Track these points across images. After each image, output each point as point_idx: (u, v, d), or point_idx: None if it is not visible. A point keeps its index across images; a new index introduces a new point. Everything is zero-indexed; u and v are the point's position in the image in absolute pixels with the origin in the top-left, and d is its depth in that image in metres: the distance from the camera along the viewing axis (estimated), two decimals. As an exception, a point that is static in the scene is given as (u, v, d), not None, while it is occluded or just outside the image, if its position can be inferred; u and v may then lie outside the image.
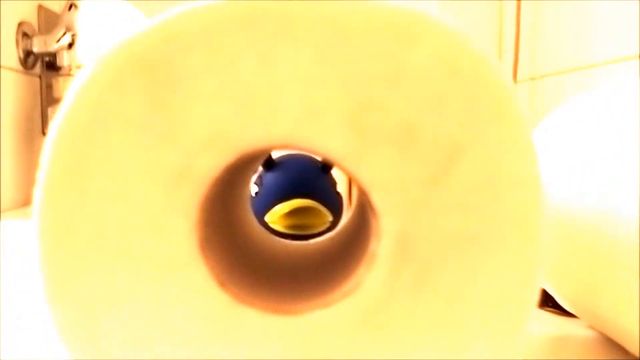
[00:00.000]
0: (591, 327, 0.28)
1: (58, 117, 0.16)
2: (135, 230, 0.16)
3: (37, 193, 0.16)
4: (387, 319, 0.17)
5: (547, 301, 0.30)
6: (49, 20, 0.79)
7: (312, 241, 0.26)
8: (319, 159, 0.33)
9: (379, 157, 0.16)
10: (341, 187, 0.35)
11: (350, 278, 0.17)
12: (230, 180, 0.20)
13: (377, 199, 0.16)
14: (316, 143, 0.16)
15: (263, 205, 0.32)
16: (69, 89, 0.16)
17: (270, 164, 0.32)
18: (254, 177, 0.33)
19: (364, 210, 0.21)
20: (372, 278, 0.16)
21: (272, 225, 0.32)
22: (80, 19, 0.44)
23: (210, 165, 0.16)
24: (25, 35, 0.74)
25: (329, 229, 0.33)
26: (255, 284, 0.19)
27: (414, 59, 0.16)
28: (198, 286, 0.17)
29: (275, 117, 0.16)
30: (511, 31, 0.85)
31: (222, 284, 0.17)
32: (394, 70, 0.16)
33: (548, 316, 0.30)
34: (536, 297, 0.17)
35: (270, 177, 0.33)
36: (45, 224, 0.16)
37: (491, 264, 0.16)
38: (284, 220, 0.32)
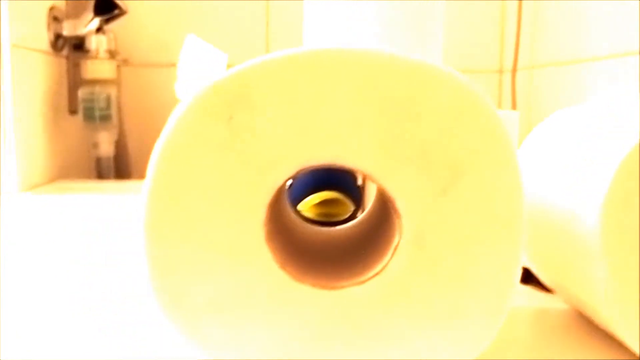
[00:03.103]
0: (565, 302, 0.34)
1: (161, 137, 0.22)
2: (220, 225, 0.22)
3: (145, 195, 0.22)
4: (407, 295, 0.22)
5: (531, 279, 0.36)
6: (76, 5, 0.83)
7: (338, 227, 0.32)
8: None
9: (402, 173, 0.22)
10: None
11: (378, 262, 0.23)
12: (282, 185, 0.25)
13: (400, 204, 0.22)
14: (356, 162, 0.22)
15: (296, 196, 0.38)
16: (171, 117, 0.22)
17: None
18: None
19: (384, 209, 0.26)
20: (395, 263, 0.22)
21: (303, 213, 0.38)
22: (180, 59, 0.56)
23: (276, 178, 0.22)
24: (56, 19, 0.79)
25: (350, 217, 0.38)
26: (303, 263, 0.24)
27: (429, 100, 0.21)
28: (264, 267, 0.22)
29: (325, 143, 0.21)
30: (513, 20, 0.89)
31: (281, 265, 0.22)
32: (414, 108, 0.21)
33: (532, 292, 0.36)
34: (518, 278, 0.22)
35: (301, 173, 0.38)
36: (151, 217, 0.22)
37: (485, 255, 0.22)
38: (315, 209, 0.38)
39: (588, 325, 0.31)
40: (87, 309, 0.31)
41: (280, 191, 0.24)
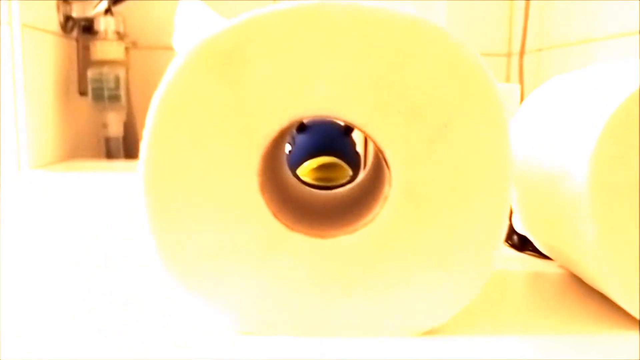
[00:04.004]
0: (561, 267, 0.34)
1: (158, 91, 0.23)
2: (215, 174, 0.23)
3: (144, 148, 0.23)
4: (396, 244, 0.23)
5: (527, 246, 0.37)
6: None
7: (335, 190, 0.33)
8: (342, 123, 0.39)
9: (391, 124, 0.22)
10: (359, 147, 0.41)
11: (369, 214, 0.23)
12: (277, 139, 0.26)
13: (389, 155, 0.22)
14: (347, 114, 0.22)
15: (295, 161, 0.38)
16: (167, 71, 0.22)
17: (301, 127, 0.39)
18: (288, 138, 0.39)
19: (379, 165, 0.27)
20: (385, 213, 0.23)
21: (302, 178, 0.38)
22: (177, 16, 0.60)
23: (269, 129, 0.22)
24: (65, 1, 0.80)
25: (348, 182, 0.39)
26: (298, 216, 0.25)
27: (418, 53, 0.22)
28: (258, 216, 0.23)
29: (317, 94, 0.22)
30: (521, 3, 0.89)
31: (275, 215, 0.23)
32: (403, 60, 0.22)
33: (528, 258, 0.36)
34: (505, 227, 0.23)
35: (301, 138, 0.39)
36: (149, 169, 0.23)
37: (473, 204, 0.23)
38: (313, 173, 0.38)
39: (582, 286, 0.31)
40: (93, 292, 0.30)
41: (275, 145, 0.25)
